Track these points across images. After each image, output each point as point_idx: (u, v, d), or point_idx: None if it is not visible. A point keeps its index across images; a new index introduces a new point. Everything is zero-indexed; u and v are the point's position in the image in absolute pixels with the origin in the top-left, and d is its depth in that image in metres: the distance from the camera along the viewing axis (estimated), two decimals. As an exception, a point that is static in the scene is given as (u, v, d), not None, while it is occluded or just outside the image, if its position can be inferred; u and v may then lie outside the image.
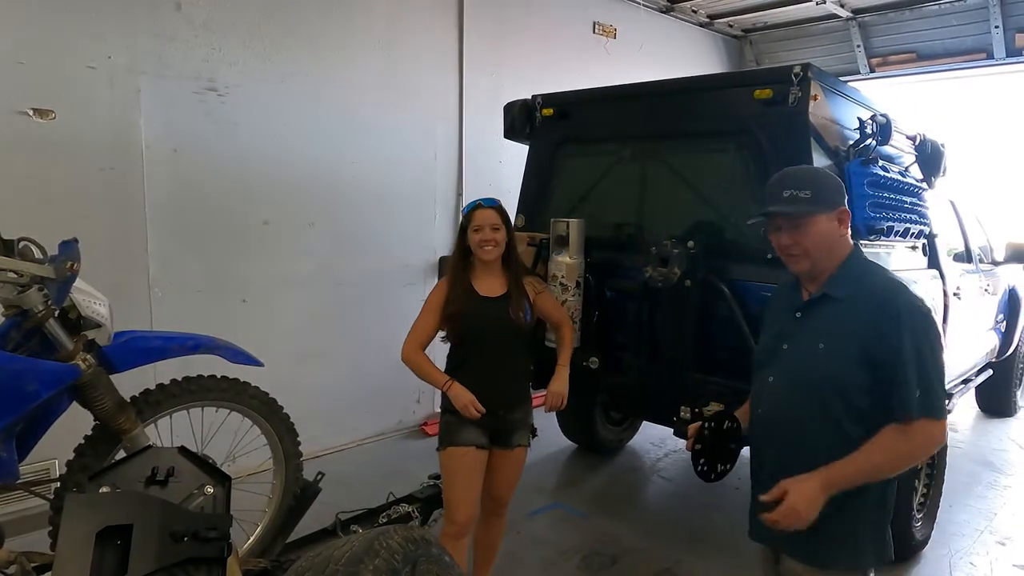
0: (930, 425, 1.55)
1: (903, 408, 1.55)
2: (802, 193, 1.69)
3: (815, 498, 1.56)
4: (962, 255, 4.46)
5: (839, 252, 1.72)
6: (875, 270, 1.73)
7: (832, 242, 1.71)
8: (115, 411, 2.25)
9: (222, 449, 2.62)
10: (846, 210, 1.73)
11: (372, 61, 4.50)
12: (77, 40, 3.34)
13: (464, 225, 2.54)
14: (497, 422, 2.54)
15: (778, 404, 1.76)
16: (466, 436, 2.49)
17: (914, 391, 1.54)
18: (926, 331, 1.59)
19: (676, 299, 2.92)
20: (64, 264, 2.10)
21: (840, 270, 1.71)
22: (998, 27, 6.03)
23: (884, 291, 1.65)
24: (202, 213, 3.83)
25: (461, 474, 2.49)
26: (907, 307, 1.60)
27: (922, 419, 1.54)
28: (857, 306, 1.64)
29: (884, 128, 3.00)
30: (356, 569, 1.43)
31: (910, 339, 1.56)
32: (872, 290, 1.65)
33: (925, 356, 1.56)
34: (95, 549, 1.24)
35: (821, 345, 1.67)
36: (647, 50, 6.49)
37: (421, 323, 2.57)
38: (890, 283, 1.68)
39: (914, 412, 1.53)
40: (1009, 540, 3.59)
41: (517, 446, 2.61)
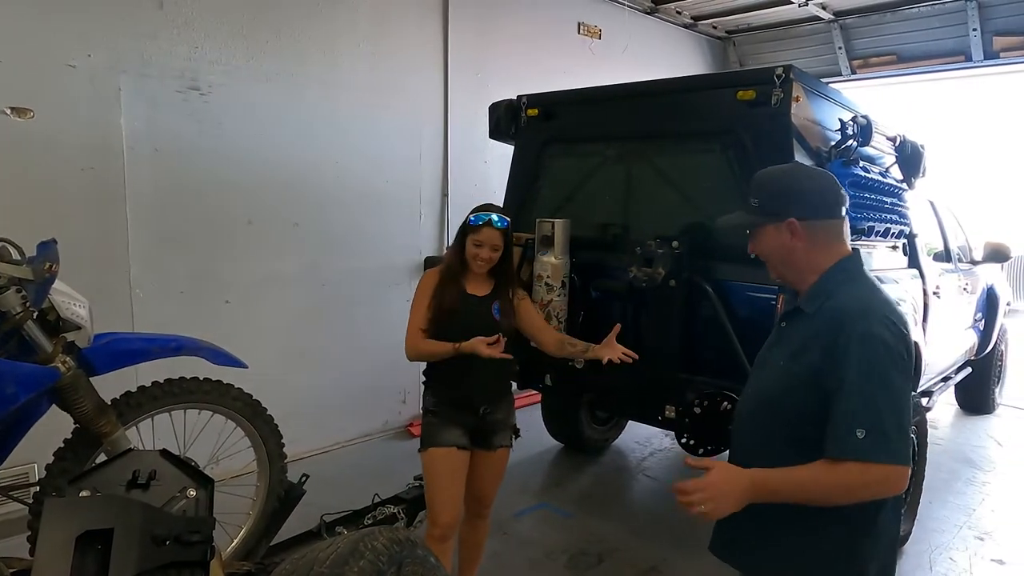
0: (862, 470, 1.33)
1: (834, 445, 1.36)
2: (754, 201, 1.60)
3: (740, 486, 1.37)
4: (941, 255, 4.53)
5: (811, 264, 1.55)
6: (852, 286, 1.52)
7: (786, 255, 1.57)
8: (95, 414, 2.23)
9: (205, 451, 2.60)
10: (793, 222, 1.53)
11: (357, 61, 4.48)
12: (57, 38, 3.29)
13: (466, 230, 2.51)
14: (478, 421, 2.53)
15: (743, 412, 1.67)
16: (448, 437, 2.48)
17: (853, 429, 1.34)
18: (880, 363, 1.37)
19: (661, 299, 2.94)
20: (42, 265, 2.07)
21: (818, 283, 1.54)
22: (976, 30, 6.12)
23: (846, 311, 1.45)
24: (185, 213, 3.80)
25: (443, 475, 2.47)
26: (864, 334, 1.39)
27: (864, 462, 1.33)
28: (820, 324, 1.47)
29: (865, 129, 3.04)
30: (341, 571, 1.43)
31: (858, 370, 1.37)
32: (835, 308, 1.47)
33: (873, 392, 1.35)
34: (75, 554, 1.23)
35: (782, 362, 1.55)
36: (632, 51, 6.52)
37: (416, 317, 2.52)
38: (856, 303, 1.46)
39: (848, 452, 1.33)
40: (988, 535, 3.65)
41: (499, 447, 2.60)
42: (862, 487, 1.36)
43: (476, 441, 2.55)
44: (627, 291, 3.07)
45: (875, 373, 1.37)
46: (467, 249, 2.50)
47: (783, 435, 1.50)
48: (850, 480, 1.34)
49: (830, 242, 1.56)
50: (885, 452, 1.33)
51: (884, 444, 1.33)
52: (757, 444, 1.58)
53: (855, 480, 1.34)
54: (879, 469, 1.34)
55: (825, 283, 1.54)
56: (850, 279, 1.54)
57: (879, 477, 1.34)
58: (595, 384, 3.37)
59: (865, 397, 1.36)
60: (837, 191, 1.58)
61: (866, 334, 1.39)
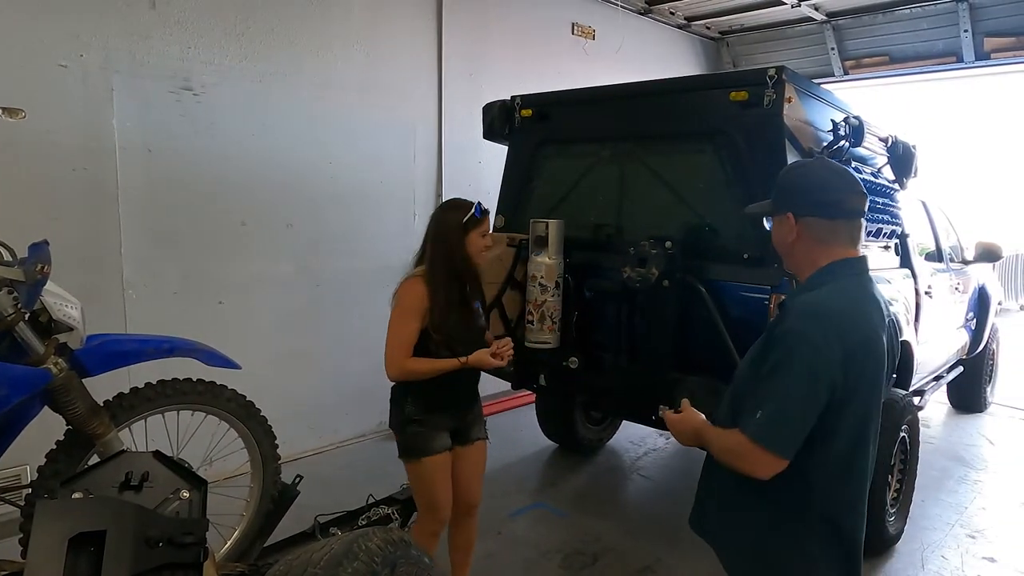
0: (754, 450, 1.44)
1: (741, 418, 1.50)
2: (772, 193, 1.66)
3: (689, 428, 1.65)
4: (933, 254, 4.55)
5: (808, 259, 1.58)
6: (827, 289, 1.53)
7: (785, 247, 1.62)
8: (88, 415, 2.22)
9: (199, 453, 2.59)
10: (788, 217, 1.57)
11: (351, 61, 4.47)
12: (48, 38, 3.27)
13: (468, 227, 2.41)
14: (459, 421, 2.56)
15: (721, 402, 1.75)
16: (438, 443, 2.46)
17: (756, 410, 1.46)
18: (789, 361, 1.44)
19: (654, 299, 2.95)
20: (34, 267, 2.06)
21: (810, 278, 1.58)
22: (967, 31, 6.16)
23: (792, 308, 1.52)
24: (178, 214, 3.78)
25: (440, 480, 2.48)
26: (789, 331, 1.46)
27: (749, 440, 1.45)
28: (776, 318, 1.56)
29: (857, 130, 3.06)
30: (335, 572, 1.43)
31: (777, 357, 1.46)
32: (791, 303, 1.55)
33: (776, 381, 1.45)
34: (67, 556, 1.22)
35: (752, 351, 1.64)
36: (625, 51, 6.54)
37: (404, 333, 2.40)
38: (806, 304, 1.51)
39: (746, 426, 1.47)
40: (979, 533, 3.67)
41: (476, 439, 2.61)
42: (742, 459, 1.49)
43: (456, 438, 2.56)
44: (621, 291, 3.08)
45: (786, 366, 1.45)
46: (474, 244, 2.43)
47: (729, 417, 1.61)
48: (739, 450, 1.48)
49: (830, 242, 1.55)
50: (769, 439, 1.44)
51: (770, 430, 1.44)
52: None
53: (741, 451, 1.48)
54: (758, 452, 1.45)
55: (811, 281, 1.57)
56: (832, 280, 1.54)
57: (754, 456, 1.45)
58: (589, 384, 3.38)
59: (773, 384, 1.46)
60: (845, 192, 1.56)
61: (793, 329, 1.47)
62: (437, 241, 2.46)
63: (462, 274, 2.45)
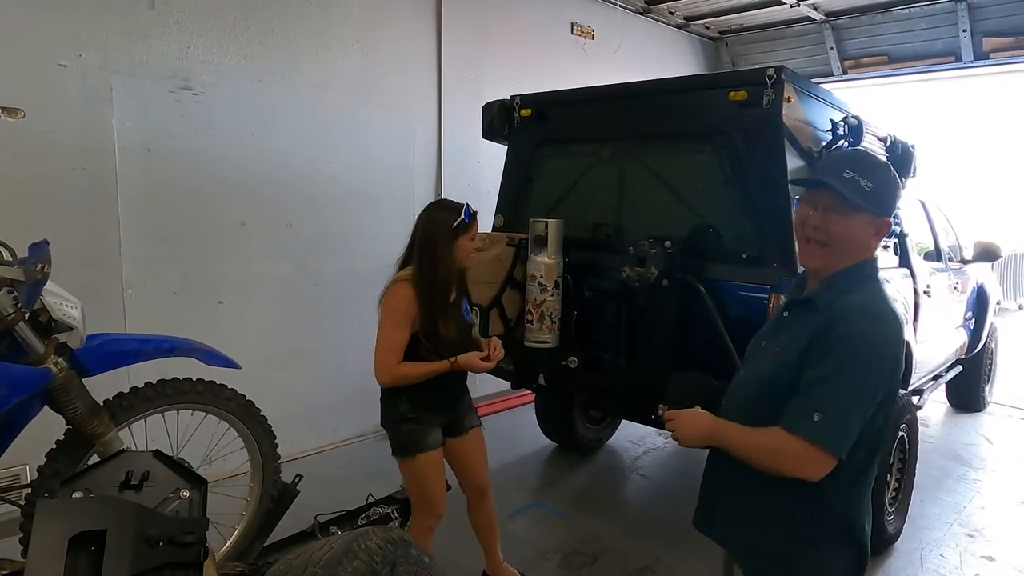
0: (806, 450, 1.41)
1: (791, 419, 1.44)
2: (864, 182, 1.49)
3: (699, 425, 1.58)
4: (932, 254, 4.56)
5: (853, 258, 1.55)
6: (870, 287, 1.53)
7: (857, 246, 1.54)
8: (88, 415, 2.22)
9: (198, 452, 2.59)
10: (889, 223, 1.54)
11: (350, 61, 4.47)
12: (47, 37, 3.27)
13: (457, 231, 2.42)
14: (450, 416, 2.61)
15: (733, 399, 1.69)
16: (432, 439, 2.52)
17: (806, 411, 1.42)
18: (856, 360, 1.41)
19: (653, 299, 2.95)
20: (34, 266, 2.06)
21: (839, 276, 1.54)
22: (966, 31, 6.16)
23: (851, 311, 1.46)
24: (177, 214, 3.78)
25: (434, 476, 2.54)
26: (848, 332, 1.43)
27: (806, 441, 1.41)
28: (826, 318, 1.48)
29: (856, 129, 3.07)
30: (335, 571, 1.43)
31: (840, 359, 1.42)
32: (845, 305, 1.48)
33: (838, 384, 1.41)
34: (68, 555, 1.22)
35: (778, 348, 1.58)
36: (624, 51, 6.54)
37: (394, 338, 2.43)
38: (865, 306, 1.48)
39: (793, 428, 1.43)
40: (978, 532, 3.68)
41: (470, 428, 2.67)
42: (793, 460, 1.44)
43: (448, 431, 2.61)
44: (620, 291, 3.08)
45: (852, 371, 1.42)
46: (462, 248, 2.45)
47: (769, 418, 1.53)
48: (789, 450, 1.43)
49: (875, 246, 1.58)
50: (829, 442, 1.41)
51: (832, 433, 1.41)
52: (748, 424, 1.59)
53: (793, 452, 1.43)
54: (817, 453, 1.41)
55: (843, 279, 1.54)
56: (867, 280, 1.55)
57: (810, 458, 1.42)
58: (588, 384, 3.38)
59: (835, 387, 1.42)
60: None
61: (862, 333, 1.43)
62: (425, 246, 2.44)
63: (449, 279, 2.45)
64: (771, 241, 2.83)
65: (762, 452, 1.49)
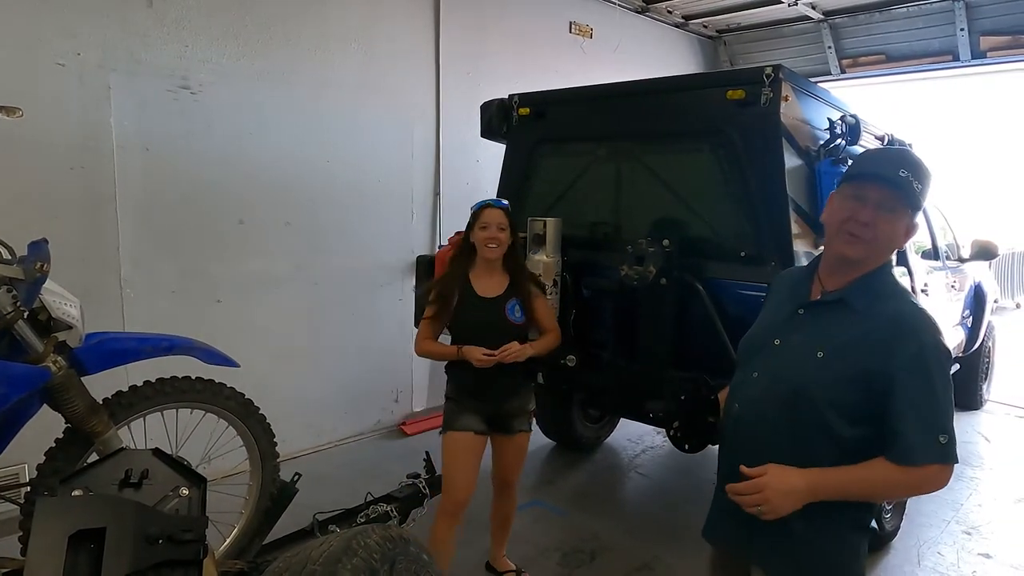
0: (942, 471, 1.42)
1: (908, 452, 1.40)
2: (916, 183, 1.47)
3: (793, 490, 1.43)
4: (930, 252, 4.57)
5: (885, 257, 1.56)
6: (901, 292, 1.54)
7: (892, 246, 1.54)
8: (87, 414, 2.22)
9: (198, 451, 2.59)
10: (916, 225, 1.55)
11: (348, 60, 4.47)
12: (45, 36, 3.27)
13: (471, 222, 2.64)
14: (494, 409, 2.68)
15: (755, 403, 1.61)
16: (464, 422, 2.64)
17: (936, 434, 1.40)
18: (946, 373, 1.45)
19: (652, 297, 2.95)
20: (33, 265, 2.07)
21: (869, 278, 1.52)
22: (963, 30, 6.17)
23: (909, 319, 1.46)
24: (176, 212, 3.78)
25: (458, 456, 2.64)
26: (932, 344, 1.44)
27: (944, 464, 1.41)
28: (875, 324, 1.47)
29: (853, 128, 3.07)
30: (334, 568, 1.43)
31: (938, 380, 1.42)
32: (896, 313, 1.47)
33: (945, 400, 1.42)
34: (67, 553, 1.22)
35: (820, 353, 1.51)
36: (623, 50, 6.54)
37: (425, 328, 2.69)
38: (917, 312, 1.48)
39: (933, 456, 1.40)
40: (975, 530, 3.69)
41: (518, 432, 2.76)
42: (934, 484, 1.45)
43: (495, 426, 2.71)
44: (618, 289, 3.09)
45: (948, 384, 1.44)
46: (475, 237, 2.62)
47: (814, 429, 1.50)
48: (930, 479, 1.43)
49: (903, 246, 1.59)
50: (954, 454, 1.42)
51: (954, 447, 1.42)
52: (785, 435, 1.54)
53: (935, 479, 1.43)
54: (949, 469, 1.43)
55: (873, 282, 1.53)
56: (896, 284, 1.56)
57: (946, 476, 1.43)
58: (587, 382, 3.39)
59: (944, 405, 1.42)
60: None
61: (936, 344, 1.45)
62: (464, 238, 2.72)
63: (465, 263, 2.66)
64: (769, 240, 2.83)
65: (902, 489, 1.51)
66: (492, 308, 2.62)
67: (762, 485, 1.44)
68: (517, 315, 2.64)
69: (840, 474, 1.45)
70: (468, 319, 2.63)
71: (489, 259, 2.61)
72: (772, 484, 1.44)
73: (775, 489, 1.43)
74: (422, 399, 5.19)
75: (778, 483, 1.44)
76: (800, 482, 1.44)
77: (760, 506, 1.44)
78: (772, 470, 1.46)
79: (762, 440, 1.57)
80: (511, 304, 2.64)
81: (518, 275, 2.69)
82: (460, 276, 2.65)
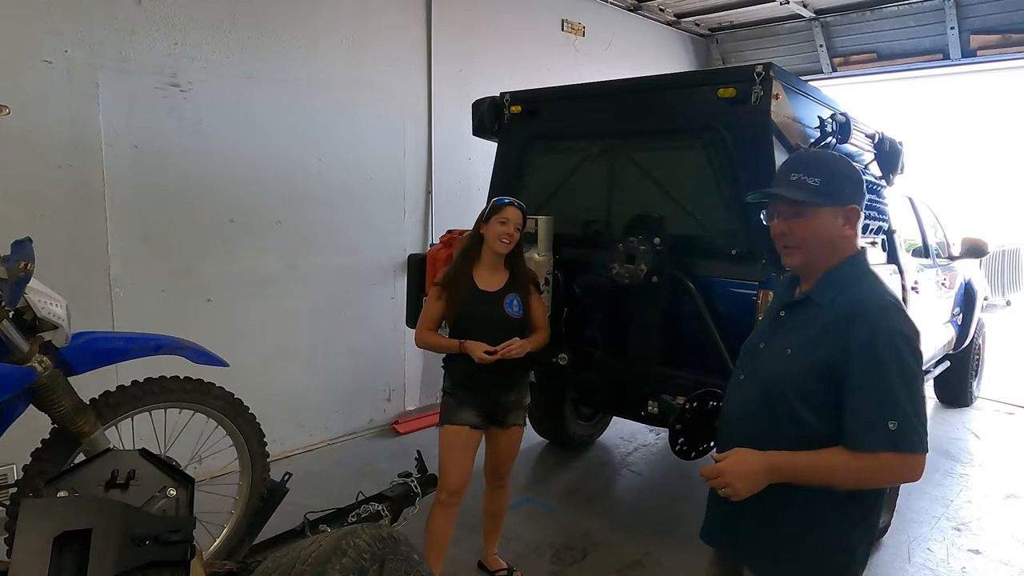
0: (900, 459, 1.39)
1: (867, 434, 1.40)
2: (811, 180, 1.52)
3: (755, 470, 1.47)
4: (920, 250, 4.59)
5: (839, 252, 1.57)
6: (870, 280, 1.55)
7: (832, 240, 1.56)
8: (73, 414, 2.20)
9: (187, 451, 2.58)
10: (856, 208, 1.55)
11: (339, 57, 4.45)
12: (32, 33, 3.24)
13: (488, 215, 2.68)
14: (491, 403, 2.72)
15: (740, 403, 1.66)
16: (461, 416, 2.69)
17: (886, 420, 1.38)
18: (906, 358, 1.42)
19: (643, 295, 2.96)
20: (17, 264, 2.04)
21: (833, 272, 1.56)
22: (953, 28, 6.21)
23: (867, 306, 1.47)
24: (165, 211, 3.76)
25: (453, 449, 2.69)
26: (885, 329, 1.42)
27: (898, 452, 1.38)
28: (835, 315, 1.49)
29: (844, 126, 3.08)
30: (323, 568, 1.43)
31: (890, 365, 1.40)
32: (856, 301, 1.49)
33: (903, 386, 1.40)
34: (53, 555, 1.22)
35: (789, 350, 1.55)
36: (615, 48, 6.54)
37: (431, 309, 2.74)
38: (874, 299, 1.49)
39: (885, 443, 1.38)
40: (965, 526, 3.72)
41: (512, 425, 2.80)
42: (890, 473, 1.44)
43: (491, 420, 2.76)
44: (610, 287, 3.09)
45: (904, 368, 1.42)
46: (491, 229, 2.66)
47: (787, 424, 1.52)
48: (882, 467, 1.41)
49: (852, 234, 1.59)
50: (917, 442, 1.40)
51: (914, 435, 1.40)
52: (757, 432, 1.57)
53: (887, 467, 1.41)
54: (908, 458, 1.40)
55: (838, 275, 1.55)
56: (864, 273, 1.57)
57: (906, 465, 1.41)
58: (579, 380, 3.39)
59: (896, 390, 1.40)
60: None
61: (891, 330, 1.43)
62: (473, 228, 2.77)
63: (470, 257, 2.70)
64: (759, 238, 2.83)
65: (852, 476, 1.44)
66: (492, 302, 2.67)
67: (723, 467, 1.50)
68: (516, 310, 2.70)
69: (798, 457, 1.48)
70: (468, 311, 2.67)
71: (498, 252, 2.68)
72: (732, 466, 1.49)
73: (734, 472, 1.48)
74: (415, 398, 5.18)
75: (737, 465, 1.49)
76: (758, 464, 1.48)
77: (724, 488, 1.49)
78: (734, 453, 1.51)
79: (744, 439, 1.60)
80: (510, 299, 2.70)
81: (519, 272, 2.76)
82: (469, 270, 2.71)
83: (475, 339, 2.62)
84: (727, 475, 1.48)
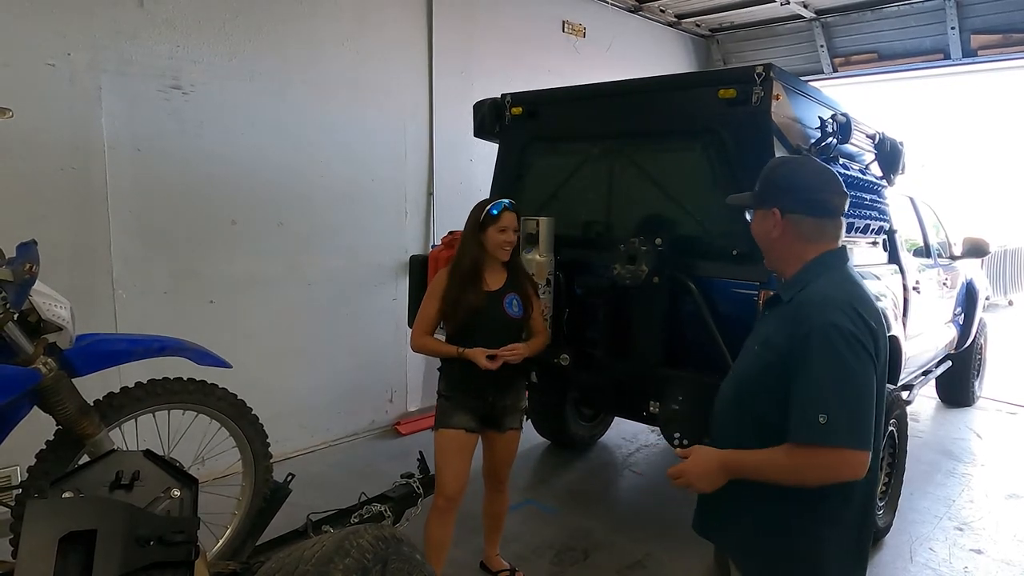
0: (832, 453, 1.39)
1: (797, 430, 1.42)
2: (757, 185, 1.66)
3: (710, 469, 1.53)
4: (921, 250, 4.59)
5: (793, 254, 1.61)
6: (828, 276, 1.56)
7: (767, 241, 1.64)
8: (78, 415, 2.21)
9: (190, 452, 2.59)
10: (774, 212, 1.60)
11: (341, 59, 4.46)
12: (35, 37, 3.25)
13: (485, 223, 2.65)
14: (487, 407, 2.71)
15: (720, 401, 1.71)
16: (456, 420, 2.67)
17: (816, 414, 1.39)
18: (838, 351, 1.41)
19: (644, 296, 2.96)
20: (22, 266, 2.05)
21: (798, 273, 1.60)
22: (954, 28, 6.20)
23: (811, 301, 1.50)
24: (167, 213, 3.77)
25: (449, 453, 2.68)
26: (819, 325, 1.43)
27: (827, 446, 1.39)
28: (790, 312, 1.53)
29: (844, 127, 3.08)
30: (326, 569, 1.44)
31: (818, 358, 1.42)
32: (802, 298, 1.53)
33: (834, 379, 1.40)
34: (58, 556, 1.22)
35: (756, 347, 1.61)
36: (616, 49, 6.55)
37: (424, 312, 2.71)
38: (819, 294, 1.51)
39: (814, 437, 1.39)
40: (967, 526, 3.71)
41: (509, 429, 2.79)
42: (823, 469, 1.42)
43: (488, 423, 2.75)
44: (611, 288, 3.09)
45: (836, 361, 1.42)
46: (491, 239, 2.64)
47: (750, 418, 1.57)
48: (813, 462, 1.42)
49: (816, 238, 1.60)
50: (847, 436, 1.39)
51: (845, 429, 1.39)
52: (729, 427, 1.65)
53: (818, 462, 1.41)
54: (840, 453, 1.40)
55: (804, 274, 1.59)
56: (826, 271, 1.57)
57: (839, 460, 1.40)
58: (580, 381, 3.39)
59: (826, 384, 1.41)
60: (832, 192, 1.61)
61: (825, 323, 1.44)
62: (462, 238, 2.75)
63: (476, 269, 2.65)
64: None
65: (789, 472, 1.45)
66: (491, 301, 2.66)
67: (683, 467, 1.58)
68: (515, 309, 2.70)
69: (749, 454, 1.51)
70: (472, 311, 2.64)
71: (502, 260, 2.68)
72: (690, 465, 1.57)
73: (691, 470, 1.56)
74: (416, 399, 5.18)
75: (695, 463, 1.56)
76: (714, 462, 1.54)
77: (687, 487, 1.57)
78: (694, 452, 1.59)
79: (720, 435, 1.67)
80: (509, 298, 2.69)
81: (517, 271, 2.77)
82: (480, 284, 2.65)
83: (476, 339, 2.61)
84: (687, 474, 1.56)
